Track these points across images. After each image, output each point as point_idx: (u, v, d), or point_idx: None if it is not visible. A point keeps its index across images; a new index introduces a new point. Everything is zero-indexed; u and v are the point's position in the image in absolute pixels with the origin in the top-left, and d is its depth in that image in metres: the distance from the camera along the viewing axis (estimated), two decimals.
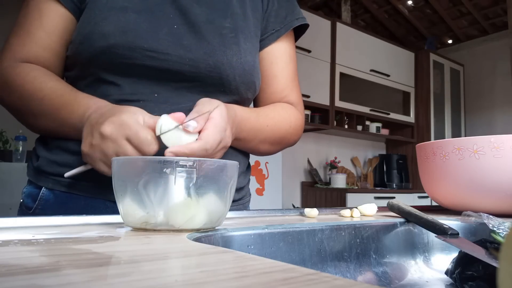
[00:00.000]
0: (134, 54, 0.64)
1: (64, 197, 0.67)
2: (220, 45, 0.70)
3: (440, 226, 0.53)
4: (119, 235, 0.40)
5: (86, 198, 0.67)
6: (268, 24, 0.81)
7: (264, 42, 0.81)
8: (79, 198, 0.67)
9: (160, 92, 0.67)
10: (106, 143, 0.53)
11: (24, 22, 0.69)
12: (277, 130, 0.77)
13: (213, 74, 0.69)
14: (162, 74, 0.66)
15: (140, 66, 0.65)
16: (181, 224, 0.41)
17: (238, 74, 0.71)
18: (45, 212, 0.67)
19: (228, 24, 0.72)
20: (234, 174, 0.45)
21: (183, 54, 0.67)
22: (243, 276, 0.24)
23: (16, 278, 0.22)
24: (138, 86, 0.66)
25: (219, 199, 0.43)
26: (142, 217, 0.41)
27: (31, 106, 0.65)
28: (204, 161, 0.42)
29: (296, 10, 0.84)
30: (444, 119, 4.56)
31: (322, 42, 3.67)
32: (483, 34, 4.69)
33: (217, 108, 0.58)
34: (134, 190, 0.41)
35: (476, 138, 0.68)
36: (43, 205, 0.68)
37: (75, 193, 0.67)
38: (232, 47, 0.71)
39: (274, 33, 0.81)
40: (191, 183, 0.41)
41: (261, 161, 3.01)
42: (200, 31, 0.69)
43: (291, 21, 0.82)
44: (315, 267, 0.51)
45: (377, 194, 3.69)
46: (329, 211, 0.71)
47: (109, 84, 0.66)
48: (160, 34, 0.66)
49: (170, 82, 0.68)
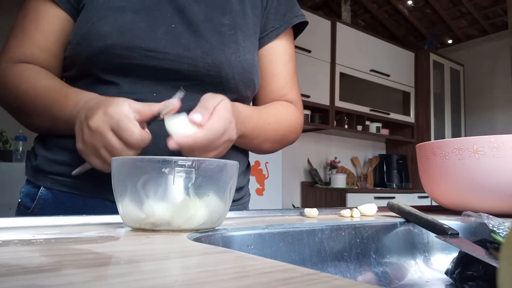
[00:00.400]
0: (132, 54, 0.64)
1: (63, 197, 0.67)
2: (218, 44, 0.70)
3: (440, 226, 0.53)
4: (119, 235, 0.40)
5: (85, 198, 0.66)
6: (267, 21, 0.80)
7: (264, 40, 0.80)
8: (78, 197, 0.67)
9: (159, 91, 0.67)
10: (94, 137, 0.53)
11: (21, 24, 0.69)
12: (279, 128, 0.77)
13: (211, 73, 0.68)
14: (160, 73, 0.66)
15: (139, 66, 0.65)
16: (180, 224, 0.41)
17: (237, 72, 0.70)
18: (44, 212, 0.67)
19: (227, 21, 0.72)
20: (234, 174, 0.45)
21: (181, 53, 0.67)
22: (243, 276, 0.24)
23: (16, 278, 0.22)
24: (137, 85, 0.66)
25: (218, 199, 0.43)
26: (141, 217, 0.41)
27: (26, 105, 0.65)
28: (203, 161, 0.42)
29: (296, 8, 0.84)
30: (444, 119, 4.56)
31: (322, 42, 3.67)
32: (483, 34, 4.69)
33: (222, 102, 0.58)
34: (133, 190, 0.41)
35: (476, 138, 0.68)
36: (41, 205, 0.68)
37: (74, 193, 0.67)
38: (231, 45, 0.71)
39: (273, 31, 0.80)
40: (190, 183, 0.41)
41: (261, 161, 3.01)
42: (198, 30, 0.69)
43: (290, 18, 0.82)
44: (315, 267, 0.51)
45: (377, 194, 3.69)
46: (329, 211, 0.71)
47: (108, 84, 0.66)
48: (158, 33, 0.66)
49: (169, 81, 0.67)
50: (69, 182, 0.67)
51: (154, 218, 0.41)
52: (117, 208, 0.44)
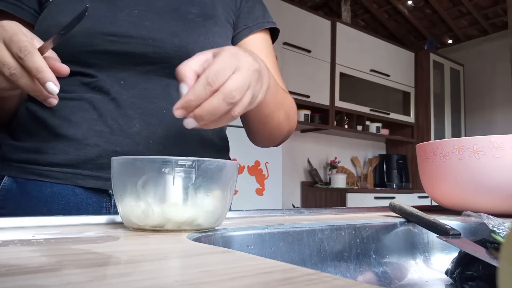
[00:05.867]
0: (94, 41, 0.63)
1: (29, 185, 0.64)
2: (186, 27, 0.67)
3: (442, 226, 0.53)
4: (119, 235, 0.40)
5: (53, 185, 0.63)
6: (239, 20, 0.79)
7: (237, 38, 0.79)
8: (45, 185, 0.64)
9: (126, 78, 0.65)
10: None
11: None
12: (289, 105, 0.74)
13: (179, 54, 0.65)
14: (126, 58, 0.64)
15: (102, 52, 0.63)
16: (180, 225, 0.41)
17: None
18: (8, 203, 0.64)
19: (195, 10, 0.70)
20: (234, 174, 0.45)
21: (145, 35, 0.65)
22: (243, 276, 0.24)
23: (16, 278, 0.22)
24: (102, 73, 0.65)
25: (218, 199, 0.43)
26: (141, 217, 0.41)
27: None
28: (203, 161, 0.41)
29: (267, 14, 0.83)
30: (444, 119, 4.56)
31: (322, 42, 3.67)
32: (483, 34, 4.69)
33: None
34: (133, 190, 0.41)
35: (476, 138, 0.68)
36: (4, 195, 0.65)
37: (41, 180, 0.64)
38: (199, 28, 0.69)
39: (246, 29, 0.79)
40: (190, 183, 0.41)
41: (261, 161, 3.01)
42: (163, 16, 0.67)
43: (263, 22, 0.81)
44: (315, 267, 0.51)
45: (377, 194, 3.69)
46: (329, 211, 0.71)
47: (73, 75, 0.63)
48: (119, 16, 0.64)
49: (135, 67, 0.65)
50: (36, 169, 0.64)
51: (154, 219, 0.41)
52: (117, 208, 0.44)
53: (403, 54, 4.43)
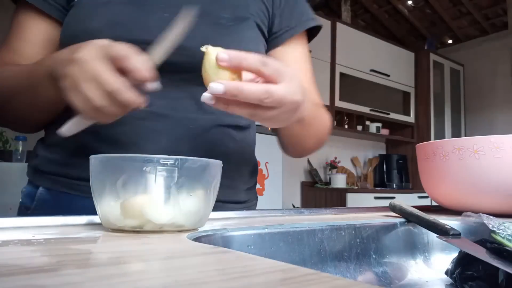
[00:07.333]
0: None
1: (62, 197, 0.66)
2: (217, 34, 0.67)
3: (442, 226, 0.53)
4: (120, 235, 0.40)
5: (84, 199, 0.64)
6: (281, 19, 0.77)
7: (277, 40, 0.77)
8: (77, 198, 0.65)
9: None
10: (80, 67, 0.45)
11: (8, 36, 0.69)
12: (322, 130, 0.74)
13: None
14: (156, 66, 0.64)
15: None
16: (162, 225, 0.40)
17: None
18: (42, 212, 0.66)
19: (227, 14, 0.69)
20: (217, 174, 0.44)
21: None
22: (243, 276, 0.24)
23: (16, 278, 0.22)
24: None
25: (201, 199, 0.42)
26: (120, 218, 0.40)
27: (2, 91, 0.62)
28: (186, 160, 0.40)
29: (307, 7, 0.81)
30: (444, 119, 4.56)
31: (322, 42, 3.67)
32: (483, 34, 4.69)
33: None
34: (113, 189, 0.39)
35: (476, 138, 0.68)
36: (40, 205, 0.67)
37: (73, 193, 0.65)
38: (231, 35, 0.68)
39: (289, 31, 0.77)
40: (172, 182, 0.39)
41: (261, 161, 3.01)
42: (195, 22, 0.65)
43: (307, 20, 0.79)
44: (315, 267, 0.51)
45: (377, 194, 3.69)
46: (329, 211, 0.71)
47: None
48: (150, 22, 0.63)
49: (166, 75, 0.64)
50: (68, 182, 0.65)
51: (134, 219, 0.39)
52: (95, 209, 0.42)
53: (403, 54, 4.43)
